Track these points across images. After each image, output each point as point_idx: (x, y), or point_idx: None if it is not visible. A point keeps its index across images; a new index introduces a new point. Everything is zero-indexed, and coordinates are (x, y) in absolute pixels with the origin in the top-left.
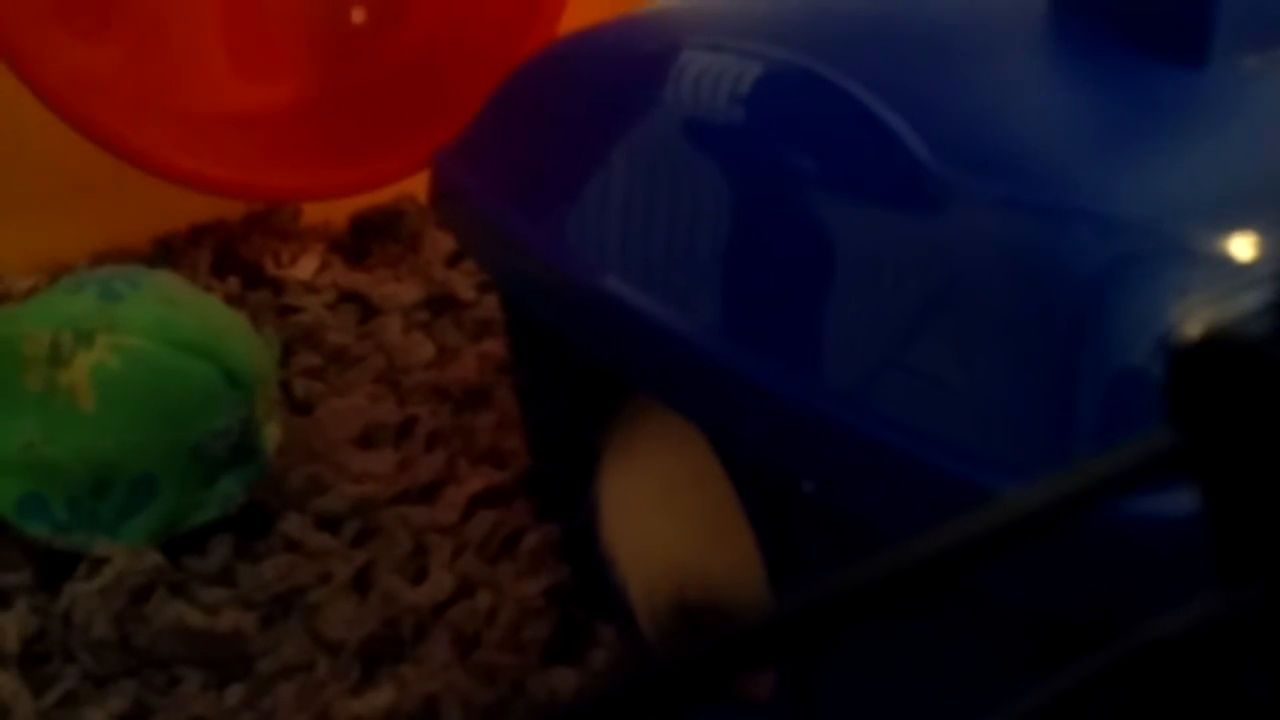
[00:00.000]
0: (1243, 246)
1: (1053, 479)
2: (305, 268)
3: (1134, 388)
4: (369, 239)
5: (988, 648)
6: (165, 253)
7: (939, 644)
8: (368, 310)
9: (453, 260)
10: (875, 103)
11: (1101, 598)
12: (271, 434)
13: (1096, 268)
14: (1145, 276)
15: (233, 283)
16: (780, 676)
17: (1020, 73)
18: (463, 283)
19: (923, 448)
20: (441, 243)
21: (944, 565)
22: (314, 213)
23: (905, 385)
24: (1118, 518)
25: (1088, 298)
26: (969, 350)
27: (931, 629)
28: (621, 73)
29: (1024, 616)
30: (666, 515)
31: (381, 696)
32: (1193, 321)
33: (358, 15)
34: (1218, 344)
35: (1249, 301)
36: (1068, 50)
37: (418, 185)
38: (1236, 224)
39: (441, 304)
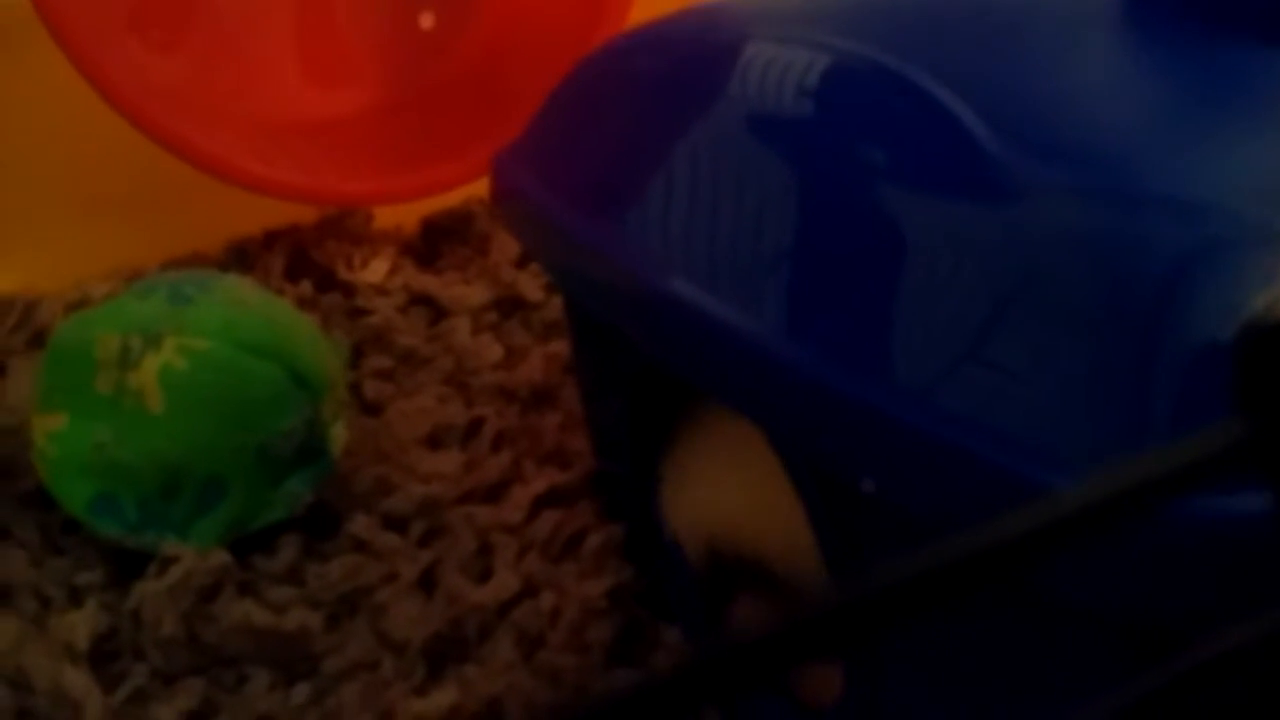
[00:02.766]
0: None
1: (1113, 473)
2: (376, 271)
3: (1215, 382)
4: (439, 242)
5: (1060, 658)
6: (239, 257)
7: (1007, 653)
8: (437, 312)
9: (521, 262)
10: (943, 93)
11: (1179, 601)
12: (339, 435)
13: (1174, 256)
14: (1226, 264)
15: (305, 286)
16: (845, 685)
17: (1091, 56)
18: (531, 284)
19: (991, 445)
20: (510, 245)
21: (1000, 559)
22: (385, 217)
23: (974, 382)
24: (1195, 516)
25: (1165, 287)
26: (1041, 345)
27: (1000, 637)
28: (682, 67)
29: (1101, 626)
30: (710, 477)
31: (445, 696)
32: (1263, 305)
33: (426, 20)
34: None
35: None
36: (1140, 30)
37: (487, 188)
38: None
39: (510, 305)
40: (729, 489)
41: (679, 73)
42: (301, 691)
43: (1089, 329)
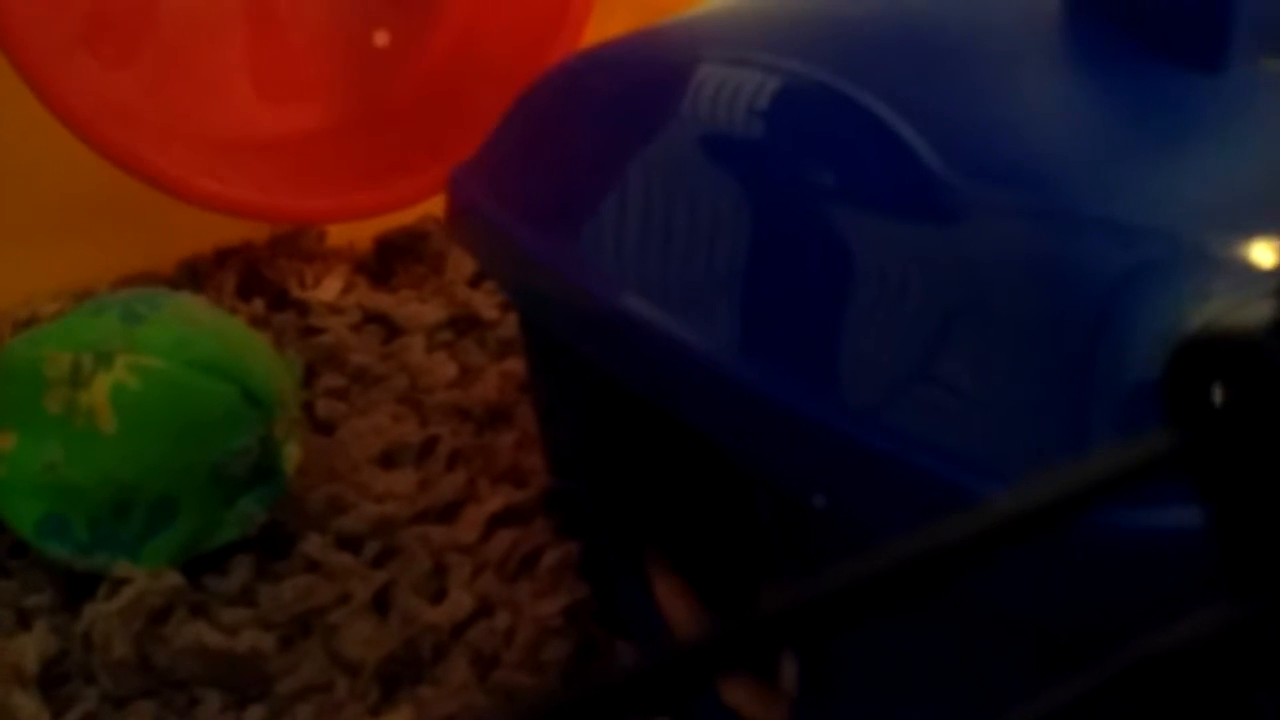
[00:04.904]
0: (1264, 253)
1: (1044, 480)
2: (330, 289)
3: (1152, 401)
4: (393, 260)
5: (1008, 669)
6: (191, 275)
7: (953, 669)
8: (391, 331)
9: (475, 280)
10: (889, 115)
11: (1109, 608)
12: (292, 454)
13: (1112, 277)
14: (1162, 285)
15: (258, 305)
16: (795, 700)
17: (1035, 80)
18: (485, 302)
19: (938, 461)
20: (464, 263)
21: (928, 567)
22: (339, 234)
23: (921, 399)
24: (1123, 525)
25: (1105, 307)
26: (985, 363)
27: (950, 651)
28: (635, 87)
29: (1043, 636)
30: None
31: (400, 718)
32: (1195, 321)
33: (381, 38)
34: (1215, 341)
35: (1262, 306)
36: (1082, 55)
37: (441, 206)
38: (1257, 230)
39: (465, 324)
40: None
41: (632, 93)
42: (254, 714)
43: (1030, 348)
